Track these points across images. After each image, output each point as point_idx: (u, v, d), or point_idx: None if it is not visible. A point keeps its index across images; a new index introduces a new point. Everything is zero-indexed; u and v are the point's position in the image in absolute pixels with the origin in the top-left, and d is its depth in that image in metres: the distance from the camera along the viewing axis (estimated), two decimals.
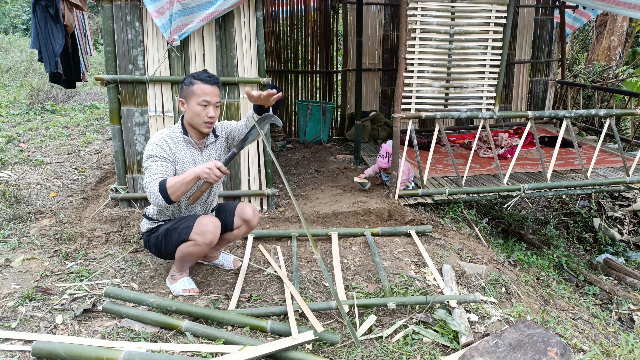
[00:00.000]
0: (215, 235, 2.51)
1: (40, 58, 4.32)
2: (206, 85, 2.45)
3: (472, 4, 3.96)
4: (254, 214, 2.77)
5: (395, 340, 2.32)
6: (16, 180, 4.46)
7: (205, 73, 2.50)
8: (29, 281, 2.78)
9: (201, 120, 2.49)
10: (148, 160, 2.45)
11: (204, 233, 2.47)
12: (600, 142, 4.50)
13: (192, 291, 2.68)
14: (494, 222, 5.29)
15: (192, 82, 2.45)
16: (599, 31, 8.82)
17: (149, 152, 2.46)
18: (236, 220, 2.79)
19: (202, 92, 2.44)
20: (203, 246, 2.51)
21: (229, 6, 3.40)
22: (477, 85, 4.19)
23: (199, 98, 2.44)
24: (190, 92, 2.45)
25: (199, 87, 2.44)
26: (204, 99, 2.44)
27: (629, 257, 5.12)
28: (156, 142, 2.48)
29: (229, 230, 2.81)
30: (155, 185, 2.33)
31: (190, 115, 2.50)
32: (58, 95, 8.64)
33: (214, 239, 2.51)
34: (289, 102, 6.61)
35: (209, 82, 2.46)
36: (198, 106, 2.45)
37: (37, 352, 2.05)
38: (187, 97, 2.48)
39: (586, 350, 2.39)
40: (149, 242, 2.68)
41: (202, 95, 2.44)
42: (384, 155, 4.27)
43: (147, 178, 2.40)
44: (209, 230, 2.48)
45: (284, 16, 6.26)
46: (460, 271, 3.12)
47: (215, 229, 2.50)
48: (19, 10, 16.60)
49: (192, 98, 2.45)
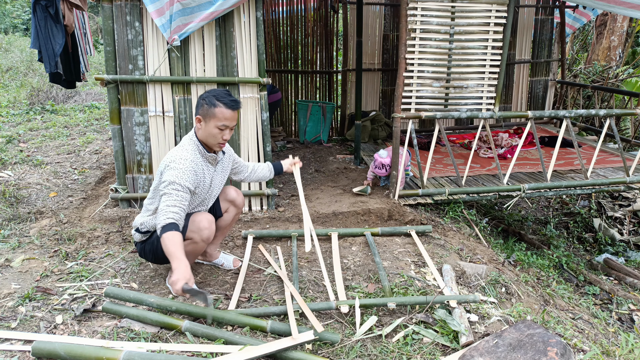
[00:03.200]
0: (211, 231, 2.54)
1: (40, 58, 4.32)
2: (228, 111, 2.44)
3: (472, 4, 3.96)
4: (237, 193, 2.90)
5: (395, 340, 2.32)
6: (16, 180, 4.46)
7: (229, 96, 2.47)
8: (29, 281, 2.78)
9: (215, 141, 2.50)
10: (170, 186, 2.34)
11: (199, 230, 2.49)
12: (600, 142, 4.50)
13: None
14: (494, 222, 5.29)
15: (214, 103, 2.42)
16: (599, 31, 8.82)
17: (174, 178, 2.34)
18: (222, 204, 2.88)
19: (223, 117, 2.43)
20: (200, 243, 2.53)
21: (229, 6, 3.40)
22: (477, 85, 4.19)
23: (218, 122, 2.43)
24: (211, 114, 2.42)
25: (221, 111, 2.42)
26: (223, 124, 2.44)
27: (629, 257, 5.11)
28: (183, 168, 2.39)
29: (219, 215, 2.88)
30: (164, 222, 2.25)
31: (205, 135, 2.49)
32: (58, 95, 8.64)
33: (210, 235, 2.53)
34: (289, 102, 6.62)
35: (231, 108, 2.44)
36: (216, 129, 2.45)
37: (37, 352, 2.05)
38: (206, 116, 2.44)
39: (586, 350, 2.39)
40: (144, 250, 2.67)
41: (223, 120, 2.43)
42: (380, 167, 4.23)
43: (164, 203, 2.32)
44: (204, 226, 2.50)
45: (284, 16, 6.26)
46: (460, 271, 3.12)
47: (210, 224, 2.53)
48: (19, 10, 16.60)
49: (212, 120, 2.43)
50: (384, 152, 4.23)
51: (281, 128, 6.54)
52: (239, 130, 3.76)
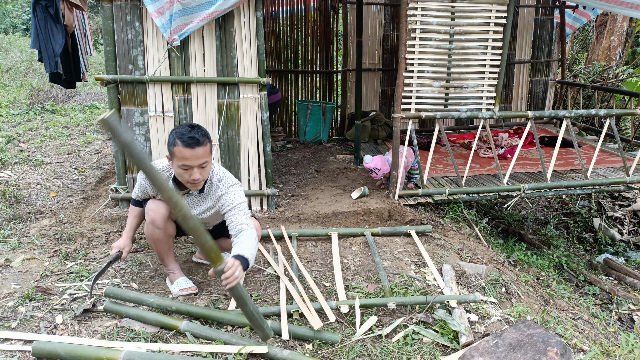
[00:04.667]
0: (157, 214, 2.52)
1: (40, 58, 4.32)
2: (186, 149, 2.22)
3: (472, 4, 3.96)
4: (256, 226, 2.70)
5: (395, 340, 2.32)
6: (16, 180, 4.46)
7: (189, 132, 2.24)
8: (29, 281, 2.78)
9: (185, 181, 2.36)
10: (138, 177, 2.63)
11: (147, 211, 2.56)
12: (600, 142, 4.50)
13: (190, 289, 2.68)
14: (494, 222, 5.29)
15: (174, 142, 2.25)
16: (599, 31, 8.82)
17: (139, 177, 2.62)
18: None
19: (182, 156, 2.25)
20: (149, 225, 2.56)
21: (229, 6, 3.40)
22: (477, 85, 4.19)
23: (179, 162, 2.27)
24: (172, 152, 2.29)
25: (179, 150, 2.24)
26: (184, 164, 2.27)
27: (629, 257, 5.11)
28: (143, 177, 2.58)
29: (227, 236, 2.75)
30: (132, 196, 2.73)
31: (175, 173, 2.39)
32: (58, 95, 8.64)
33: (155, 217, 2.52)
34: (289, 102, 6.61)
35: (189, 146, 2.22)
36: (179, 169, 2.30)
37: (37, 352, 2.05)
38: (171, 155, 2.33)
39: (586, 350, 2.39)
40: None
41: (182, 159, 2.25)
42: (376, 173, 4.22)
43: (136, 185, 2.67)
44: (150, 208, 2.55)
45: (284, 16, 6.25)
46: (460, 271, 3.12)
47: (157, 207, 2.53)
48: (19, 10, 16.60)
49: (174, 159, 2.30)
50: (368, 158, 4.22)
51: (281, 128, 6.54)
52: (239, 130, 3.76)
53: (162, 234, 2.57)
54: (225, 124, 3.72)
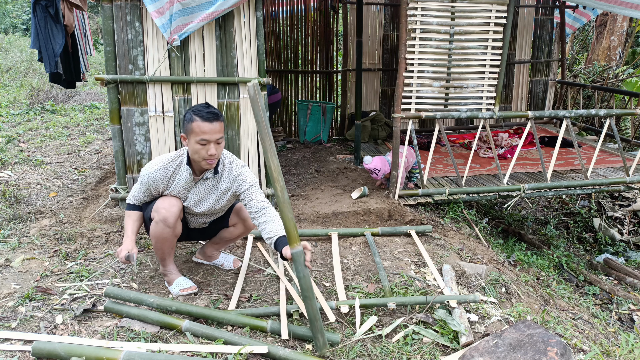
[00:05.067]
0: (169, 212, 2.48)
1: (40, 58, 4.32)
2: (205, 124, 2.36)
3: (472, 4, 3.96)
4: None
5: (395, 340, 2.32)
6: (16, 180, 4.46)
7: (207, 108, 2.41)
8: (29, 281, 2.78)
9: (201, 158, 2.43)
10: (139, 180, 2.59)
11: (158, 209, 2.50)
12: (600, 142, 4.50)
13: (190, 289, 2.68)
14: (494, 222, 5.29)
15: (191, 118, 2.38)
16: (599, 31, 8.82)
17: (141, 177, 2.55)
18: (232, 217, 2.81)
19: (201, 131, 2.36)
20: (160, 224, 2.50)
21: (229, 6, 3.40)
22: (477, 85, 4.19)
23: (197, 137, 2.37)
24: (190, 129, 2.39)
25: (197, 126, 2.36)
26: (202, 138, 2.37)
27: (629, 257, 5.12)
28: (151, 171, 2.51)
29: (225, 226, 2.83)
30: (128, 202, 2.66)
31: (191, 152, 2.46)
32: (58, 95, 8.64)
33: (167, 215, 2.48)
34: (289, 102, 6.62)
35: (207, 120, 2.36)
36: (197, 144, 2.39)
37: (37, 352, 2.05)
38: (187, 133, 2.43)
39: (586, 350, 2.39)
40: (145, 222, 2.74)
41: (201, 134, 2.36)
42: (376, 173, 4.22)
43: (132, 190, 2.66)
44: (161, 206, 2.50)
45: (284, 16, 6.26)
46: (460, 271, 3.12)
47: (170, 206, 2.50)
48: (19, 10, 16.60)
49: (192, 135, 2.39)
50: (368, 159, 4.24)
51: (281, 128, 6.54)
52: (239, 130, 3.76)
53: (171, 233, 2.56)
54: (225, 124, 3.72)
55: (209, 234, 2.92)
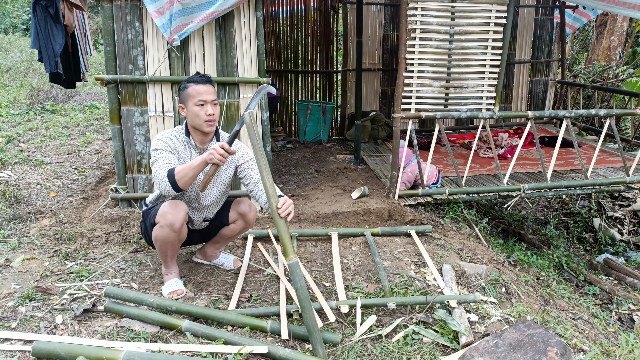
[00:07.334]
0: (175, 217, 2.47)
1: (40, 58, 4.31)
2: (199, 85, 2.51)
3: (472, 4, 3.96)
4: (249, 208, 2.79)
5: (395, 340, 2.32)
6: (16, 180, 4.46)
7: (197, 74, 2.58)
8: (29, 281, 2.78)
9: (201, 120, 2.53)
10: (154, 153, 2.52)
11: (164, 214, 2.48)
12: (600, 142, 4.50)
13: (177, 293, 2.66)
14: (494, 222, 5.29)
15: (186, 85, 2.54)
16: (599, 31, 8.82)
17: (155, 146, 2.53)
18: (232, 214, 2.81)
19: (197, 92, 2.51)
20: (165, 228, 2.49)
21: (229, 6, 3.40)
22: (477, 85, 4.19)
23: (194, 99, 2.51)
24: (186, 95, 2.53)
25: (193, 89, 2.51)
26: (199, 99, 2.50)
27: (629, 257, 5.12)
28: (161, 138, 2.56)
29: (225, 224, 2.84)
30: (165, 172, 2.40)
31: (191, 118, 2.56)
32: (58, 95, 8.64)
33: (174, 220, 2.47)
34: (289, 102, 6.62)
35: (201, 82, 2.53)
36: (195, 107, 2.52)
37: (37, 352, 2.05)
38: (184, 101, 2.55)
39: (586, 350, 2.39)
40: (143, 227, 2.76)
41: (197, 95, 2.51)
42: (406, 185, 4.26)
43: (155, 167, 2.46)
44: (168, 210, 2.48)
45: (284, 16, 6.26)
46: (460, 271, 3.12)
47: (177, 211, 2.49)
48: (19, 10, 16.59)
49: (189, 100, 2.52)
50: None
51: (281, 128, 6.54)
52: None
53: (176, 237, 2.56)
54: (226, 124, 3.72)
55: (209, 235, 2.92)
